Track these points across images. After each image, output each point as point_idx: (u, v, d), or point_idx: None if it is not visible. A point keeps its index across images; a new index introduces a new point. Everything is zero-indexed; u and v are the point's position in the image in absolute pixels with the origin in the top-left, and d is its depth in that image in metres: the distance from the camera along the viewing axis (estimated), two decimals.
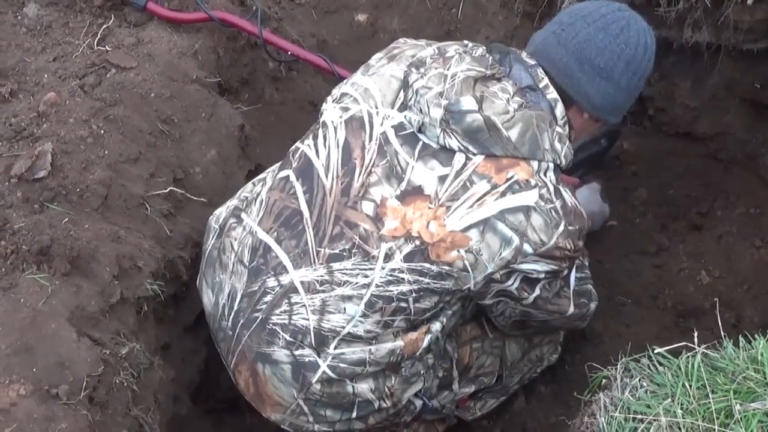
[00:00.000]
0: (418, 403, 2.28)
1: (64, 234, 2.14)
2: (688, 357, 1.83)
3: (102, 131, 2.44)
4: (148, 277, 2.28)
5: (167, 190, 2.50)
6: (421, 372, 2.23)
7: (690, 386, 1.76)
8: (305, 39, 3.23)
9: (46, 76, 2.64)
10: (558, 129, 2.03)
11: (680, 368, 1.81)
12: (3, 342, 1.92)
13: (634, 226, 3.14)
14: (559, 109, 2.06)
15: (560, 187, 2.01)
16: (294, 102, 3.17)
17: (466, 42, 2.16)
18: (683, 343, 1.84)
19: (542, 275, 2.03)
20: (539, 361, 2.59)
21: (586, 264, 2.48)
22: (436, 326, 2.17)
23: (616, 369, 1.92)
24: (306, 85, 3.21)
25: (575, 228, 2.00)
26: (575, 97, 2.08)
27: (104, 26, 2.85)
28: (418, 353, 2.16)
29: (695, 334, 1.82)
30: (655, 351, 1.88)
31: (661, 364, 1.86)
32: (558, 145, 2.01)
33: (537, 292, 2.09)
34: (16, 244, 2.10)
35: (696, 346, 1.82)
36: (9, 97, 2.56)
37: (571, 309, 2.24)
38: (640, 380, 1.85)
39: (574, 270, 2.22)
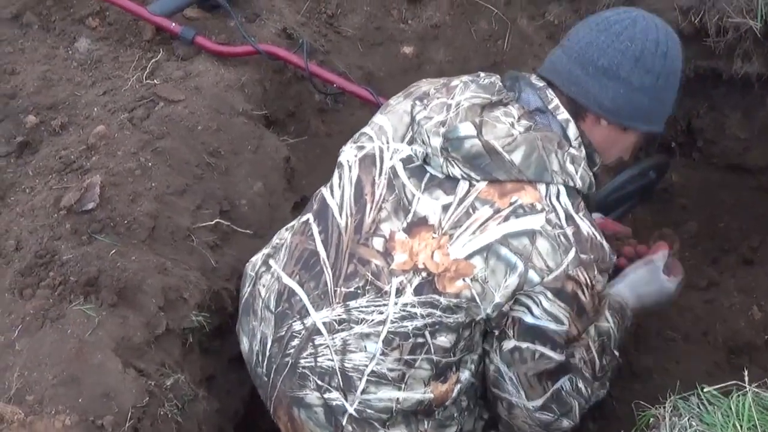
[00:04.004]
0: None
1: (111, 265, 2.17)
2: (738, 396, 1.78)
3: (150, 163, 2.48)
4: (193, 308, 2.29)
5: (213, 222, 2.52)
6: (455, 415, 2.17)
7: (740, 426, 1.72)
8: (351, 71, 3.24)
9: (95, 109, 2.68)
10: (572, 150, 1.98)
11: (730, 408, 1.77)
12: (50, 372, 1.94)
13: (683, 260, 3.06)
14: (572, 130, 2.01)
15: (576, 214, 1.94)
16: (340, 134, 3.17)
17: (479, 72, 2.14)
18: (733, 382, 1.80)
19: (539, 328, 1.94)
20: None
21: (597, 371, 2.17)
22: (465, 375, 2.10)
23: (664, 408, 1.88)
24: (352, 117, 3.22)
25: (589, 257, 1.92)
26: (584, 103, 2.02)
27: (153, 60, 2.90)
28: (448, 402, 2.11)
29: (746, 373, 1.78)
30: (705, 390, 1.84)
31: (710, 402, 1.82)
32: (570, 167, 1.96)
33: (521, 344, 1.98)
34: (64, 275, 2.13)
35: (746, 385, 1.78)
36: (59, 130, 2.62)
37: (538, 403, 2.07)
38: (689, 419, 1.81)
39: (568, 375, 2.07)
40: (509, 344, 2.01)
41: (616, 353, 2.24)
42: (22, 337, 2.01)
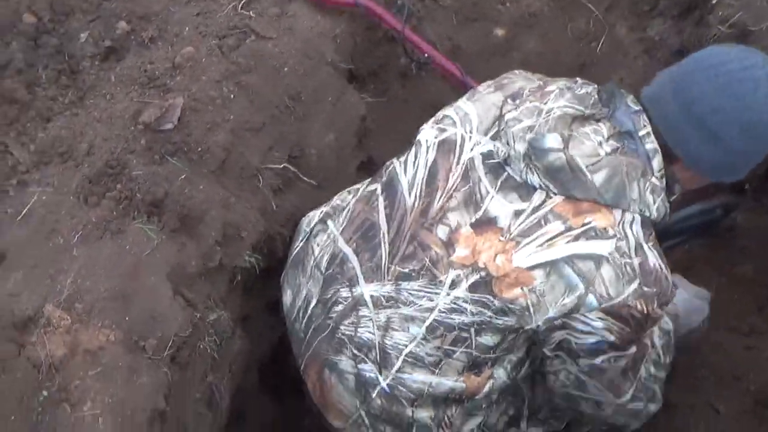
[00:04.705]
0: None
1: (178, 190, 2.17)
2: None
3: (232, 95, 2.46)
4: (248, 248, 2.30)
5: (281, 166, 2.50)
6: (483, 407, 2.17)
7: None
8: (441, 42, 3.20)
9: (187, 28, 2.65)
10: (654, 180, 1.92)
11: None
12: (102, 285, 1.95)
13: (731, 302, 3.04)
14: (657, 161, 1.94)
15: (645, 244, 1.90)
16: (417, 101, 3.14)
17: (576, 79, 2.07)
18: None
19: (602, 341, 1.91)
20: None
21: (664, 362, 2.21)
22: (500, 372, 2.09)
23: None
24: (433, 87, 3.18)
25: (652, 291, 1.89)
26: (680, 155, 1.93)
27: None
28: (479, 396, 2.11)
29: None
30: None
31: None
32: (649, 197, 1.91)
33: (593, 361, 1.96)
34: (132, 190, 2.14)
35: None
36: (148, 42, 2.59)
37: (628, 396, 2.06)
38: None
39: (645, 361, 2.07)
40: (584, 362, 1.98)
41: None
42: (81, 244, 2.02)
